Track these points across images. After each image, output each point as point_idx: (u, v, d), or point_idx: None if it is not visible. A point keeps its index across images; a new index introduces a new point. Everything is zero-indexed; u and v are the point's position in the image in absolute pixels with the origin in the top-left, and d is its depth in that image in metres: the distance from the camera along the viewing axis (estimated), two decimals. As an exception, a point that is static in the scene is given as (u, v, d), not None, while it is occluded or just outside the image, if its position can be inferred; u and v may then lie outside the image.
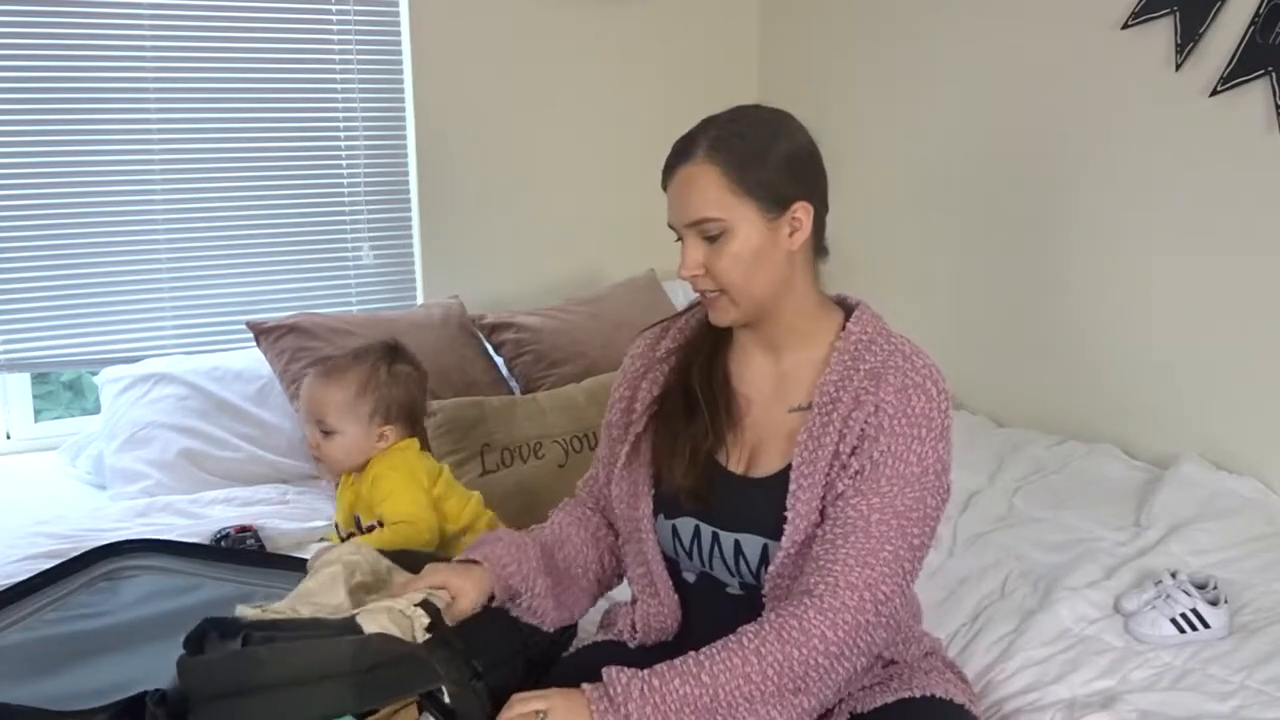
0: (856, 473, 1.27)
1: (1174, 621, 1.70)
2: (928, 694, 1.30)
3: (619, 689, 1.19)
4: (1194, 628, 1.70)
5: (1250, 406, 2.32)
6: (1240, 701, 1.52)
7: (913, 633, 1.43)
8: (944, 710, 1.30)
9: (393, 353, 1.80)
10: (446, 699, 1.22)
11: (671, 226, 1.34)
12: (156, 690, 1.24)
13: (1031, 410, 2.75)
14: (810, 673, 1.21)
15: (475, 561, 1.37)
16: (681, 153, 1.31)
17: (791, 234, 1.31)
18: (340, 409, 1.70)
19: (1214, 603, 1.74)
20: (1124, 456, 2.48)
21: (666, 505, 1.40)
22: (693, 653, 1.22)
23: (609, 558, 1.52)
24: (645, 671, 1.21)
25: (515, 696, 1.20)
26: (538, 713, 1.18)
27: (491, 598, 1.37)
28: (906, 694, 1.30)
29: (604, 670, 1.22)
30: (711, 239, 1.29)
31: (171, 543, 1.73)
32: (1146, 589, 1.79)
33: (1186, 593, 1.73)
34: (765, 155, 1.28)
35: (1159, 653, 1.66)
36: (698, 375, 1.40)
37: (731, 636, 1.24)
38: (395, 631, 1.27)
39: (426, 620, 1.31)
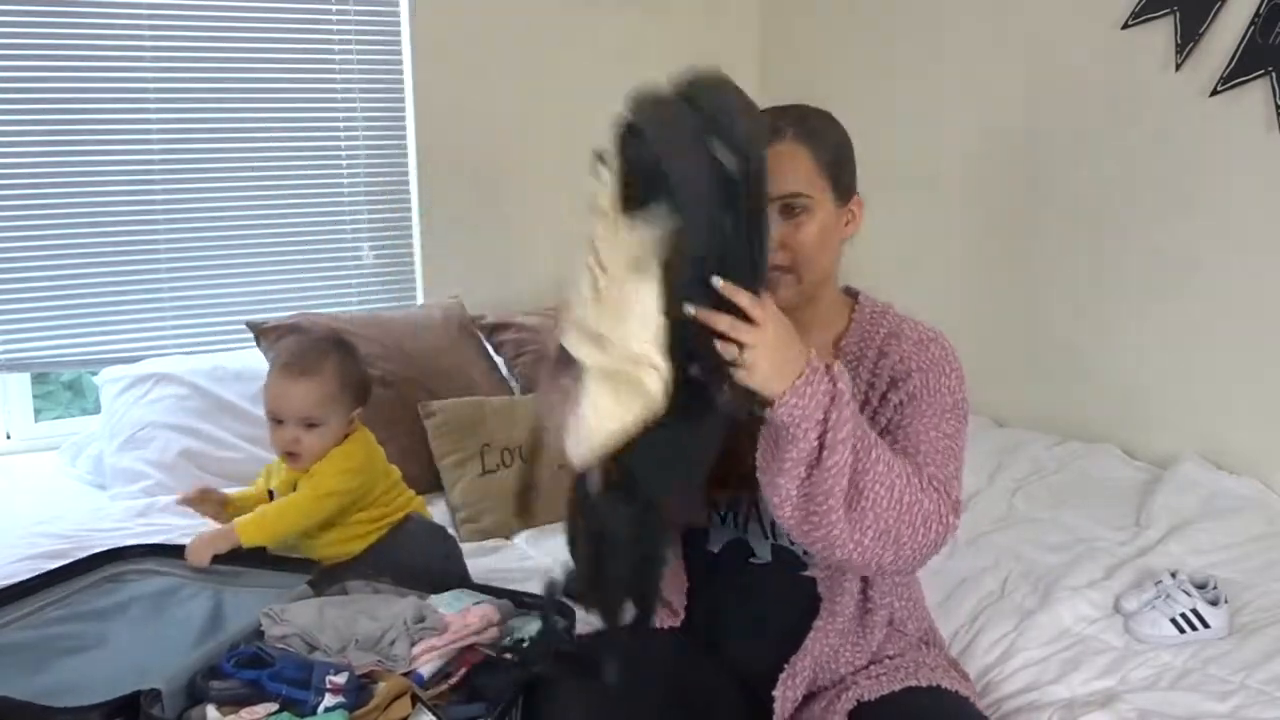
0: (899, 405, 1.33)
1: (1174, 621, 1.70)
2: (933, 684, 1.32)
3: (840, 373, 1.19)
4: (1194, 627, 1.70)
5: (1250, 406, 2.32)
6: (1240, 701, 1.52)
7: (918, 604, 1.46)
8: (948, 700, 1.32)
9: (340, 340, 1.89)
10: None
11: None
12: (152, 689, 1.24)
13: (1031, 410, 2.75)
14: (905, 527, 1.21)
15: None
16: (771, 131, 1.32)
17: (847, 224, 1.40)
18: (326, 402, 1.75)
19: (1214, 603, 1.73)
20: (1124, 456, 2.48)
21: None
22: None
23: None
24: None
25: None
26: (740, 345, 1.11)
27: None
28: (912, 683, 1.32)
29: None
30: (793, 215, 1.33)
31: (176, 547, 1.73)
32: (1146, 589, 1.79)
33: (1186, 593, 1.73)
34: (842, 148, 1.39)
35: (1159, 652, 1.66)
36: None
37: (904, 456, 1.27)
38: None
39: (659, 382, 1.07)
